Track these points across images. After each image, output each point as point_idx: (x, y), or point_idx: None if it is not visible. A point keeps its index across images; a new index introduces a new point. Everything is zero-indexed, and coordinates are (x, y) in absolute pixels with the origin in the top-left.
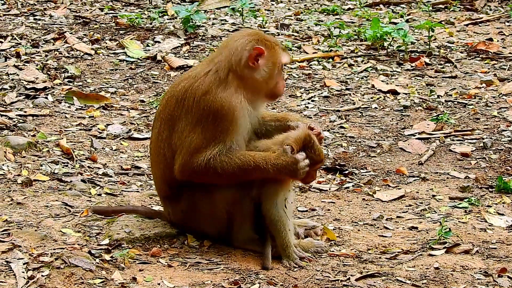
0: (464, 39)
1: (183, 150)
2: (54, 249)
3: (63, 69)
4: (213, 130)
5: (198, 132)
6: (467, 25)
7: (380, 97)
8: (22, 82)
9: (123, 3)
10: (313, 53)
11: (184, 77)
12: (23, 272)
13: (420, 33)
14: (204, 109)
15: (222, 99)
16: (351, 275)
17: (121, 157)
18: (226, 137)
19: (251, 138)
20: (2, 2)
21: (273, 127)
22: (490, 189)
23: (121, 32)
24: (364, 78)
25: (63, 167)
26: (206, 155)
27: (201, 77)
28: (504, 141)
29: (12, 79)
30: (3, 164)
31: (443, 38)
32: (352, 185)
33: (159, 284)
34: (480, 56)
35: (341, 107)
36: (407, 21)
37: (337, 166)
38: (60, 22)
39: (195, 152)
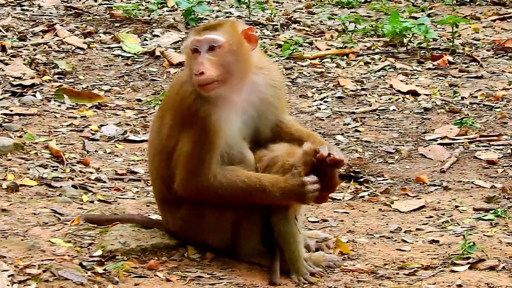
0: (491, 36)
1: (178, 164)
2: (42, 261)
3: (53, 65)
4: (194, 134)
5: (184, 135)
6: (494, 20)
7: (399, 98)
8: (8, 78)
9: None
10: (326, 49)
11: None
12: (8, 285)
13: (443, 29)
14: (180, 105)
15: (188, 94)
16: None
17: (115, 161)
18: (210, 140)
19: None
20: None
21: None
22: None
23: (116, 24)
24: (382, 77)
25: (52, 171)
26: (206, 176)
27: (183, 69)
28: None
29: None
30: None
31: (468, 34)
32: (368, 194)
33: None
34: (508, 54)
35: (356, 108)
36: (428, 15)
37: (352, 173)
38: (50, 13)
39: (190, 168)
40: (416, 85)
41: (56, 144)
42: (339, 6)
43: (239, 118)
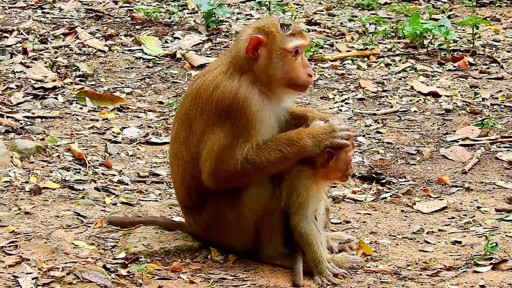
0: (511, 37)
1: (209, 156)
2: (66, 263)
3: (74, 67)
4: (232, 128)
5: (218, 132)
6: None
7: (420, 99)
8: (30, 81)
9: None
10: (347, 51)
11: (199, 75)
12: (32, 287)
13: (463, 30)
14: (216, 106)
15: (232, 92)
16: None
17: (138, 163)
18: (249, 131)
19: None
20: None
21: (294, 126)
22: None
23: (137, 27)
24: (403, 79)
25: (74, 174)
26: (237, 157)
27: (211, 73)
28: None
29: (19, 78)
30: (9, 170)
31: (488, 36)
32: (390, 196)
33: None
34: None
35: (377, 110)
36: (449, 17)
37: (374, 175)
38: (71, 15)
39: (222, 156)
40: (437, 87)
41: (78, 147)
42: (359, 8)
43: (274, 115)
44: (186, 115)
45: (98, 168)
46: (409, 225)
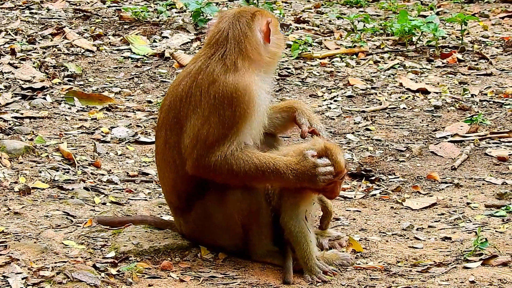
0: (499, 33)
1: (198, 144)
2: (56, 263)
3: (63, 67)
4: (231, 116)
5: (214, 122)
6: (503, 18)
7: (409, 96)
8: (18, 82)
9: None
10: (336, 49)
11: (182, 76)
12: (22, 287)
13: (452, 27)
14: (215, 97)
15: (234, 81)
16: None
17: (127, 163)
18: (244, 122)
19: (268, 141)
20: None
21: (279, 120)
22: None
23: (125, 26)
24: (391, 76)
25: (64, 174)
26: (223, 151)
27: (203, 71)
28: None
29: (7, 78)
30: None
31: (477, 32)
32: (379, 192)
33: None
34: None
35: (366, 107)
36: (437, 13)
37: (363, 172)
38: (59, 16)
39: (211, 146)
40: (426, 83)
41: (67, 147)
42: (348, 6)
43: (267, 100)
44: (176, 118)
45: (87, 167)
46: (399, 222)
